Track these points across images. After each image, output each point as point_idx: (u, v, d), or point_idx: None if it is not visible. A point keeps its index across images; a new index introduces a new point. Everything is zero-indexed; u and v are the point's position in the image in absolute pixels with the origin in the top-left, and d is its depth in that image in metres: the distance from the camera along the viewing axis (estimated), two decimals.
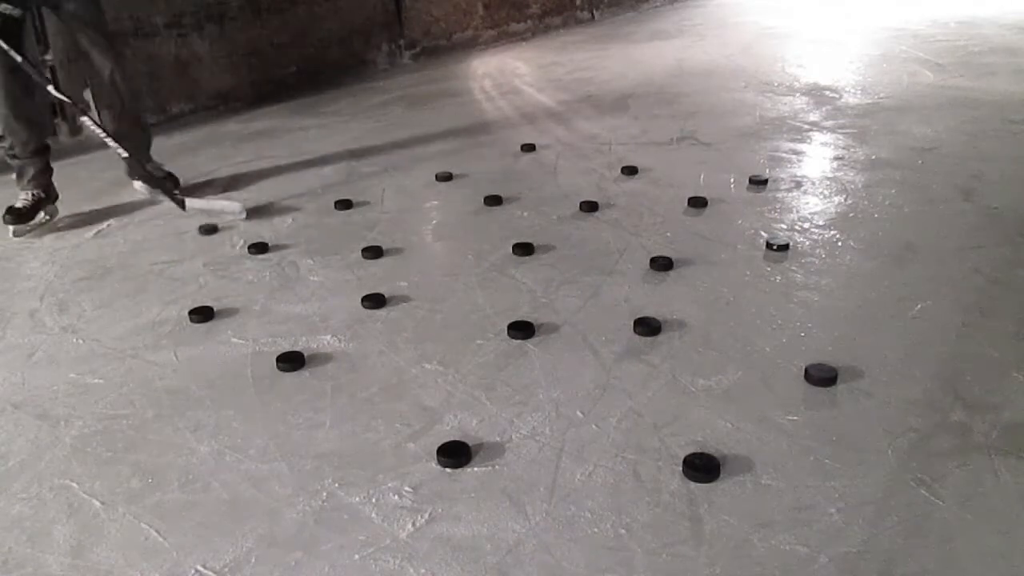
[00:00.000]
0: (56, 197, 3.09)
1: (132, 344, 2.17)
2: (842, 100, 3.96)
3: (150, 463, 1.70)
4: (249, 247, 2.71)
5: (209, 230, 2.87)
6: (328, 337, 2.14)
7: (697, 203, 2.82)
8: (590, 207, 2.85)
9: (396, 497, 1.56)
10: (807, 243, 2.50)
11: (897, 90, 4.07)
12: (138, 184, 3.27)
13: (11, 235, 2.94)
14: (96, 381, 2.01)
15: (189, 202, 3.01)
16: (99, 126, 2.94)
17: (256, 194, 3.24)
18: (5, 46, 2.72)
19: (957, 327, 2.02)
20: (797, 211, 2.74)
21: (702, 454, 1.59)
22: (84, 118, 2.93)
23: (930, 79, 4.22)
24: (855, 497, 1.49)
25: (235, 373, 2.01)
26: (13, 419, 1.88)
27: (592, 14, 6.46)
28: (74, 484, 1.64)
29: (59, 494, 1.62)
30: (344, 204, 3.03)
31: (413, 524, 1.49)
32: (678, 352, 1.98)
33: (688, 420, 1.73)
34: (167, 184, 3.13)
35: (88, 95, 3.99)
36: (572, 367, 1.94)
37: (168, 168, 3.34)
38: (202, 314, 2.27)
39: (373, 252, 2.59)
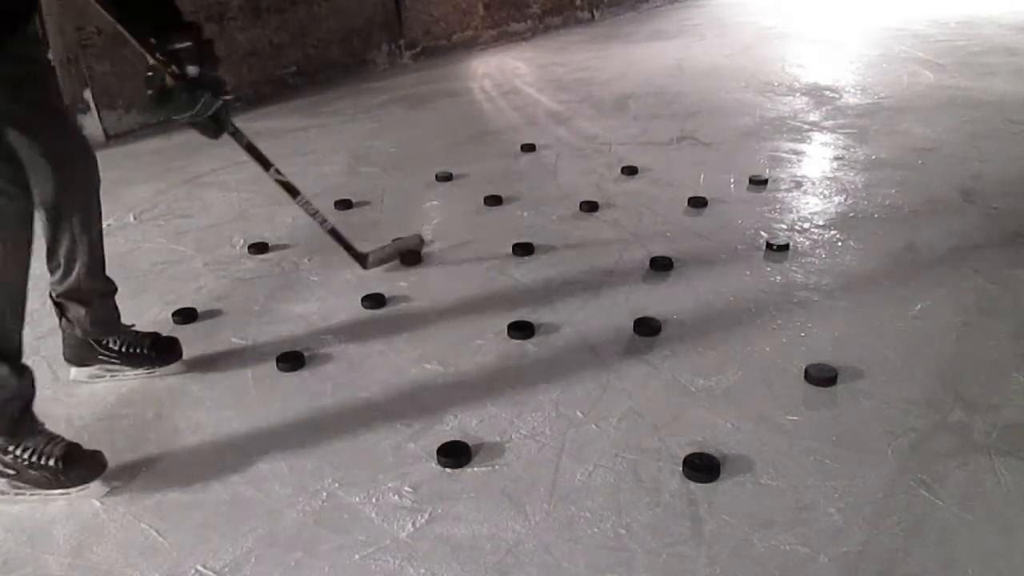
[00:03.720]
0: None
1: None
2: (842, 100, 3.96)
3: (150, 463, 1.70)
4: (249, 247, 2.71)
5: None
6: (328, 337, 2.14)
7: (697, 203, 2.82)
8: (590, 207, 2.84)
9: (396, 497, 1.56)
10: (807, 243, 2.50)
11: (897, 90, 4.06)
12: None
13: None
14: (96, 381, 2.01)
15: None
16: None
17: (256, 194, 3.24)
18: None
19: (957, 327, 2.02)
20: (797, 211, 2.74)
21: (702, 454, 1.59)
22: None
23: (930, 79, 4.22)
24: (855, 497, 1.49)
25: (235, 373, 2.01)
26: None
27: (592, 14, 6.46)
28: None
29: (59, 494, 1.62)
30: (344, 204, 3.03)
31: (413, 524, 1.49)
32: (678, 352, 1.98)
33: (688, 420, 1.73)
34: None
35: (88, 94, 4.00)
36: (572, 367, 1.94)
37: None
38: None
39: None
